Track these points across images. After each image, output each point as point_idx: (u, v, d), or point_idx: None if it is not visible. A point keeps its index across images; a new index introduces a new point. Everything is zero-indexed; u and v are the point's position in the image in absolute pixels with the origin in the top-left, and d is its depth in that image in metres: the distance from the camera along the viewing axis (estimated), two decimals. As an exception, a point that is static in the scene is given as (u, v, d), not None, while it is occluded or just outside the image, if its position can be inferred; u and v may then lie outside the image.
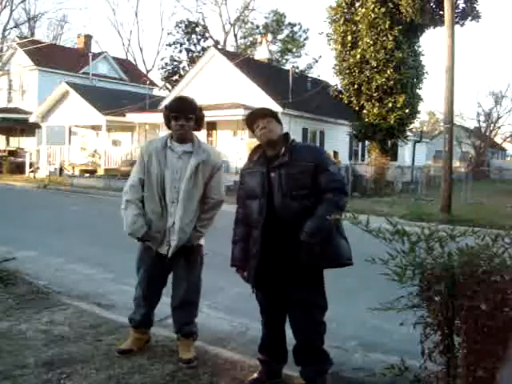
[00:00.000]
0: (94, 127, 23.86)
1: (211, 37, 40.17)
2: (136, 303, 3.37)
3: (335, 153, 18.64)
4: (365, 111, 18.27)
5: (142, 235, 3.14)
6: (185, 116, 3.09)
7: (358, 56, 17.83)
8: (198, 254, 3.30)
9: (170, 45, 38.96)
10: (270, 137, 2.85)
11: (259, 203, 2.81)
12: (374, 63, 17.55)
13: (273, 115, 2.91)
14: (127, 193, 3.21)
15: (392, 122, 17.85)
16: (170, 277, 3.34)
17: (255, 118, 2.89)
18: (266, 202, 2.79)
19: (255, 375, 3.02)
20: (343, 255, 2.81)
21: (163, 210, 3.15)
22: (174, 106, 3.17)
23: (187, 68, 34.97)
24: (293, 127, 18.11)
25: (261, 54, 26.74)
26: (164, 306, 3.49)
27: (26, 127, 26.34)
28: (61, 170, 22.94)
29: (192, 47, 39.03)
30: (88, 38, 34.64)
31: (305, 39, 42.01)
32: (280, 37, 41.73)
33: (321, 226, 2.68)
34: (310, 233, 2.67)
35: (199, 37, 39.26)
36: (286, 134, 2.96)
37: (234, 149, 19.60)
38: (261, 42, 28.74)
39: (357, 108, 18.59)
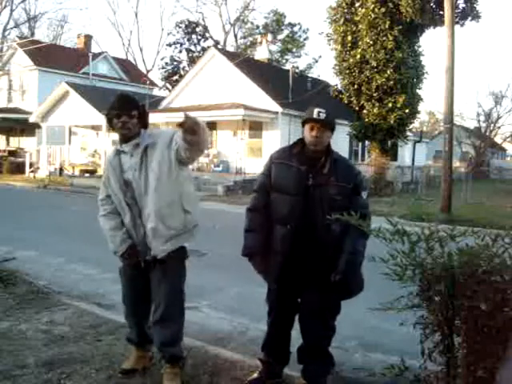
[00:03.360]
0: (93, 127, 23.85)
1: (211, 37, 40.20)
2: (128, 322, 3.21)
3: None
4: (365, 111, 18.27)
5: (126, 249, 2.91)
6: (127, 113, 2.89)
7: (358, 56, 17.82)
8: (178, 259, 2.95)
9: (170, 45, 39.00)
10: (320, 148, 2.77)
11: (294, 200, 2.72)
12: (374, 63, 17.54)
13: (331, 125, 2.79)
14: (100, 209, 3.05)
15: (392, 122, 17.85)
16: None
17: (316, 123, 2.74)
18: (302, 201, 2.71)
19: (255, 375, 3.02)
20: (361, 287, 2.84)
21: (135, 217, 2.91)
22: (114, 103, 2.96)
23: (187, 68, 35.00)
24: (293, 127, 18.12)
25: (261, 53, 26.75)
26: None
27: (26, 127, 26.35)
28: (61, 169, 22.95)
29: (192, 47, 39.06)
30: (88, 38, 34.64)
31: (305, 39, 42.04)
32: (280, 37, 41.72)
33: (352, 265, 2.67)
34: (343, 275, 2.65)
35: (199, 37, 39.27)
36: (329, 144, 2.84)
37: (233, 149, 19.60)
38: (261, 42, 28.74)
39: (357, 108, 18.59)
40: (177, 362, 2.96)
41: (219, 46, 34.39)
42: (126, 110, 2.90)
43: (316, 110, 2.73)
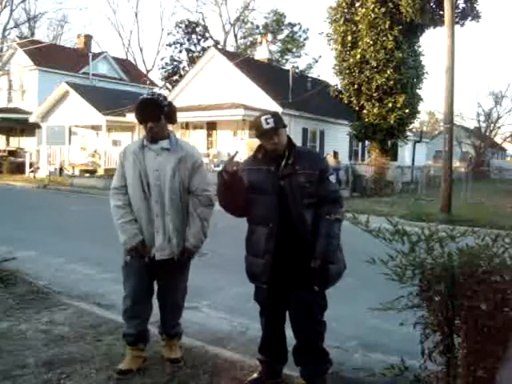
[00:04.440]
0: (93, 127, 23.85)
1: (211, 37, 40.19)
2: (127, 316, 3.17)
3: (335, 153, 18.63)
4: (365, 111, 18.27)
5: (136, 244, 2.99)
6: (153, 118, 2.96)
7: (358, 56, 17.82)
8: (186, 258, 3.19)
9: (170, 45, 38.98)
10: (281, 148, 2.83)
11: (271, 199, 2.77)
12: (374, 63, 17.53)
13: (283, 126, 2.83)
14: (113, 198, 3.08)
15: (392, 121, 17.84)
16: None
17: (267, 134, 2.79)
18: (278, 199, 2.76)
19: (255, 375, 3.02)
20: (343, 269, 2.88)
21: (149, 213, 3.01)
22: (137, 113, 3.03)
23: (187, 68, 34.99)
24: (293, 127, 18.11)
25: (261, 53, 26.73)
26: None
27: (26, 127, 26.33)
28: (61, 169, 22.94)
29: (192, 47, 39.04)
30: (88, 38, 34.62)
31: (305, 39, 42.04)
32: (280, 37, 41.73)
33: (330, 247, 2.70)
34: (322, 259, 2.68)
35: (199, 37, 39.26)
36: (288, 137, 2.90)
37: (233, 149, 19.57)
38: (261, 42, 28.72)
39: (357, 108, 18.58)
40: (177, 336, 3.30)
41: (219, 46, 34.39)
42: (151, 118, 2.95)
43: (263, 119, 2.77)
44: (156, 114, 2.96)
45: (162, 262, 3.03)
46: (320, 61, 43.71)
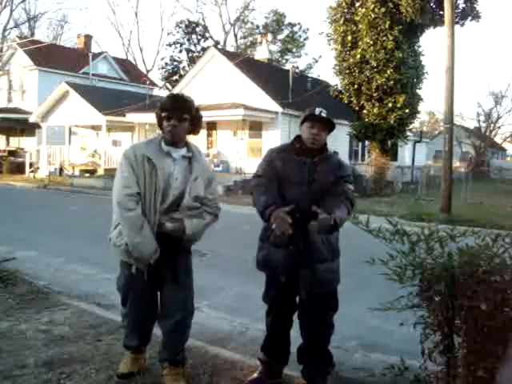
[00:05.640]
0: (93, 127, 23.85)
1: (211, 37, 40.19)
2: (129, 330, 2.98)
3: (335, 153, 18.59)
4: (365, 111, 18.27)
5: (153, 260, 2.69)
6: (178, 116, 2.72)
7: (358, 56, 17.82)
8: (188, 262, 2.93)
9: (170, 45, 38.98)
10: (317, 146, 2.84)
11: (301, 191, 2.73)
12: (374, 63, 17.53)
13: (330, 126, 2.87)
14: (128, 203, 2.67)
15: (392, 121, 17.84)
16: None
17: (316, 122, 2.79)
18: (308, 191, 2.73)
19: (255, 375, 3.02)
20: (337, 281, 2.88)
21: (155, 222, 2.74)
22: (166, 104, 2.76)
23: (187, 68, 34.98)
24: (293, 127, 18.11)
25: (261, 53, 26.74)
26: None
27: (26, 127, 26.34)
28: (61, 169, 22.94)
29: (192, 47, 39.04)
30: (88, 38, 34.63)
31: (305, 39, 42.04)
32: (280, 37, 41.73)
33: (343, 217, 2.61)
34: (336, 223, 2.56)
35: (199, 37, 39.26)
36: (325, 143, 2.92)
37: (234, 149, 19.60)
38: (261, 42, 28.73)
39: (357, 108, 18.58)
40: (181, 363, 2.97)
41: (219, 46, 34.38)
42: (178, 113, 2.71)
43: (318, 109, 2.80)
44: (183, 112, 2.73)
45: (162, 273, 2.78)
46: (320, 61, 43.90)
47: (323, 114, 2.80)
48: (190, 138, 2.94)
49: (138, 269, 2.75)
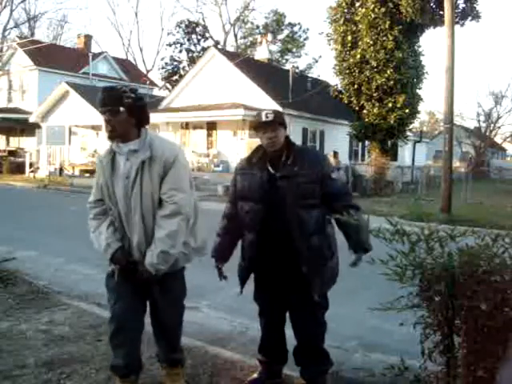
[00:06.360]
0: (93, 127, 23.84)
1: (211, 37, 40.21)
2: (113, 344, 2.64)
3: (335, 153, 18.63)
4: (365, 111, 18.27)
5: (113, 253, 2.56)
6: (108, 110, 2.52)
7: (358, 56, 17.82)
8: (178, 278, 2.79)
9: (170, 45, 39.01)
10: (278, 146, 2.76)
11: (256, 208, 2.74)
12: (374, 63, 17.54)
13: (281, 123, 2.78)
14: (89, 212, 2.69)
15: (392, 121, 17.84)
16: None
17: (263, 126, 2.75)
18: (263, 209, 2.72)
19: (255, 375, 3.02)
20: (336, 273, 2.90)
21: (123, 225, 2.60)
22: (97, 99, 2.59)
23: (187, 68, 34.99)
24: (293, 127, 18.11)
25: (261, 53, 26.74)
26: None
27: (26, 127, 26.34)
28: (61, 170, 22.95)
29: (192, 47, 39.07)
30: (88, 38, 34.65)
31: (305, 39, 42.06)
32: (280, 37, 41.74)
33: (364, 235, 2.67)
34: (365, 248, 2.71)
35: (199, 37, 39.28)
36: (287, 137, 2.85)
37: (233, 149, 19.60)
38: (261, 42, 28.74)
39: (357, 108, 18.59)
40: (179, 363, 2.93)
41: (219, 46, 34.39)
42: (106, 107, 2.53)
43: (263, 114, 2.75)
44: (114, 104, 2.51)
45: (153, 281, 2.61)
46: (320, 61, 43.86)
47: (270, 116, 2.73)
48: (191, 137, 2.87)
49: (119, 275, 2.60)
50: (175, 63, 38.99)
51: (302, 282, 2.74)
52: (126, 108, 2.51)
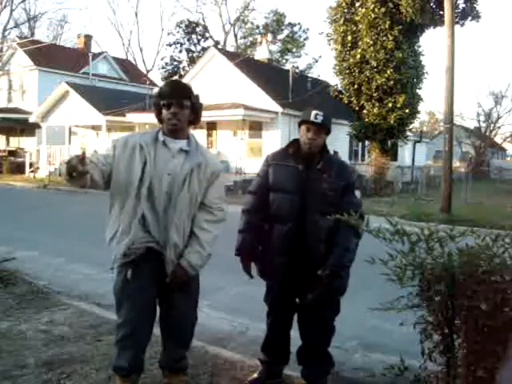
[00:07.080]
0: (94, 127, 23.85)
1: (211, 37, 40.22)
2: (121, 345, 2.60)
3: (335, 153, 18.60)
4: (365, 111, 18.28)
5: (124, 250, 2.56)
6: (178, 102, 2.48)
7: (358, 56, 17.83)
8: (197, 280, 2.77)
9: (170, 45, 39.04)
10: (314, 149, 2.78)
11: (292, 199, 2.73)
12: (374, 63, 17.55)
13: (327, 128, 2.81)
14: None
15: (392, 121, 17.85)
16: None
17: (312, 126, 2.73)
18: (299, 199, 2.72)
19: (255, 375, 3.02)
20: (345, 288, 2.87)
21: (148, 219, 2.52)
22: (165, 91, 2.54)
23: (187, 68, 35.01)
24: (293, 127, 18.10)
25: (261, 53, 26.75)
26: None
27: (26, 127, 26.35)
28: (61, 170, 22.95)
29: (192, 47, 39.09)
30: (88, 38, 34.66)
31: (305, 39, 42.08)
32: (280, 37, 41.75)
33: (343, 259, 2.67)
34: (332, 270, 2.64)
35: (199, 37, 39.30)
36: (324, 143, 2.87)
37: (234, 149, 19.60)
38: (261, 42, 28.75)
39: (357, 108, 18.60)
40: (184, 370, 2.87)
41: (219, 46, 34.39)
42: (178, 99, 2.48)
43: (313, 113, 2.72)
44: (184, 98, 2.50)
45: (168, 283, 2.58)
46: (320, 61, 43.92)
47: (319, 118, 2.70)
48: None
49: (134, 274, 2.53)
50: (175, 63, 39.00)
51: (317, 284, 2.72)
52: (191, 103, 2.55)
